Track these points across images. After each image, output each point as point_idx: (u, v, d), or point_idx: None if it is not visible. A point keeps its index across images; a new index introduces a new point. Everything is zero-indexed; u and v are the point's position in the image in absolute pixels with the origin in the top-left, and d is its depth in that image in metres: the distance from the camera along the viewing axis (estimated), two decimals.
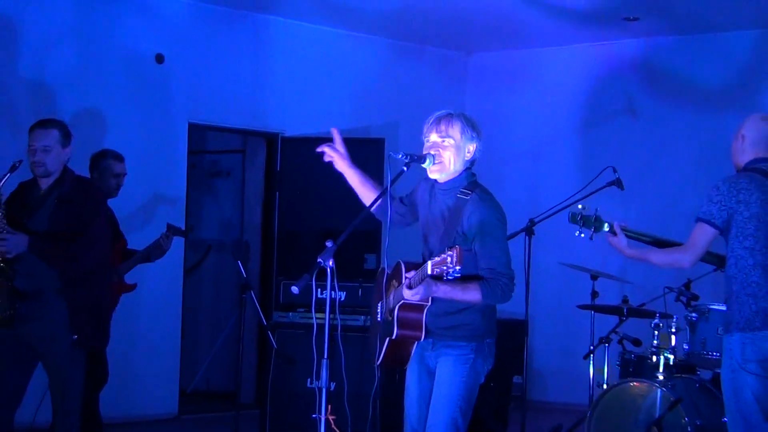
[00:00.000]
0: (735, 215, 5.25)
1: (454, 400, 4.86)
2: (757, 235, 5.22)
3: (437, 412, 4.88)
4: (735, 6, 9.26)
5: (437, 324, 4.88)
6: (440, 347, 4.92)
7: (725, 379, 5.31)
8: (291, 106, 10.29)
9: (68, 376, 5.83)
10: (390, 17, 10.15)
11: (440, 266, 4.47)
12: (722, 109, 10.09)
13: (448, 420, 4.85)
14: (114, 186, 7.42)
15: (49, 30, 8.86)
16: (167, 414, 9.39)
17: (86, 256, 5.80)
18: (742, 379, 5.23)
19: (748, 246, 5.24)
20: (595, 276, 8.06)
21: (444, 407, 4.86)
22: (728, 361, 5.27)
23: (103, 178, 7.39)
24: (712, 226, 5.27)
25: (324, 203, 9.44)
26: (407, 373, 5.06)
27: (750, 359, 5.20)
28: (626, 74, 10.77)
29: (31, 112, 7.09)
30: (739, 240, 5.25)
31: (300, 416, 7.17)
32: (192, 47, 9.71)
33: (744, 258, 5.25)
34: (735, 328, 5.24)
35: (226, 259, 10.24)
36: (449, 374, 4.88)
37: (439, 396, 4.88)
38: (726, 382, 5.31)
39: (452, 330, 4.88)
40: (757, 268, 5.23)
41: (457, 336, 4.88)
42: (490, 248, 4.82)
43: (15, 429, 6.10)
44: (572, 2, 9.35)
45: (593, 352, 7.81)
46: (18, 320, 5.73)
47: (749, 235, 5.23)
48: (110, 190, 7.40)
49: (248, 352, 9.54)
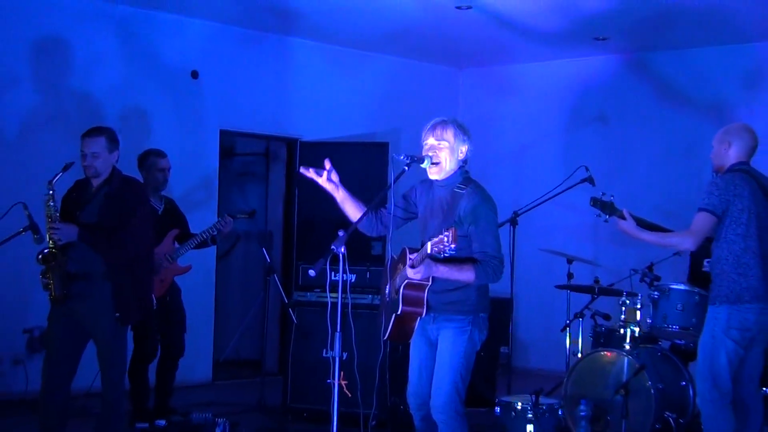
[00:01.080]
0: (731, 206, 5.44)
1: (456, 368, 4.88)
2: (748, 223, 5.43)
3: (441, 378, 4.89)
4: (694, 26, 9.23)
5: (438, 300, 4.89)
6: (441, 321, 4.92)
7: (704, 343, 5.48)
8: (308, 115, 10.27)
9: (113, 349, 5.82)
10: (392, 38, 10.14)
11: (438, 245, 4.49)
12: (681, 117, 10.08)
13: (451, 384, 4.87)
14: (161, 180, 7.43)
15: (97, 49, 8.85)
16: (203, 380, 9.43)
17: (128, 244, 5.78)
18: (720, 344, 5.41)
19: (741, 233, 5.43)
20: (570, 260, 8.07)
21: (447, 373, 4.88)
22: (710, 329, 5.47)
23: (150, 173, 7.39)
24: (713, 214, 5.44)
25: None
26: (411, 344, 5.05)
27: (733, 327, 5.41)
28: (597, 87, 10.75)
29: (81, 120, 7.08)
30: (733, 227, 5.44)
31: (316, 381, 7.16)
32: (223, 64, 9.69)
33: (736, 242, 5.44)
34: (724, 300, 5.43)
35: (253, 246, 10.24)
36: (450, 344, 4.89)
37: (442, 364, 4.90)
38: (704, 346, 5.48)
39: (451, 305, 4.89)
40: (747, 251, 5.42)
41: (456, 310, 4.90)
42: (483, 234, 4.82)
43: (74, 394, 6.10)
44: (550, 25, 9.34)
45: (569, 326, 7.81)
46: (69, 299, 5.74)
47: (742, 223, 5.42)
48: (158, 183, 7.42)
49: (272, 327, 9.54)
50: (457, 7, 8.79)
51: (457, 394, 4.88)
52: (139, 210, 5.92)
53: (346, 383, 4.78)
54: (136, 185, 6.07)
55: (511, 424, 6.61)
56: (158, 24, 9.21)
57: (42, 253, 5.73)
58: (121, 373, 5.95)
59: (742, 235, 5.43)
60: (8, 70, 8.34)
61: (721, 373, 5.39)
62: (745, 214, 5.43)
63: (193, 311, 7.89)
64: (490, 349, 8.42)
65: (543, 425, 6.56)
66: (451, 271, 4.78)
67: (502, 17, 9.13)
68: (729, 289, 5.42)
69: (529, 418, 6.57)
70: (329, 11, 9.16)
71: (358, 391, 4.92)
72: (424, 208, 5.06)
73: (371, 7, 8.92)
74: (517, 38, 9.99)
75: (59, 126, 8.37)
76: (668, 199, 9.61)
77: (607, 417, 6.63)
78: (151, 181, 7.35)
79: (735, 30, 9.31)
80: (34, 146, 8.34)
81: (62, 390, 5.86)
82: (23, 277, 7.51)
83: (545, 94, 11.11)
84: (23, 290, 7.81)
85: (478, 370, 8.15)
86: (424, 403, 4.99)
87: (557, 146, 10.87)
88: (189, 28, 9.42)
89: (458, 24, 9.40)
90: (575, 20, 9.16)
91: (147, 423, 7.00)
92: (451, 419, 4.89)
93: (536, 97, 11.17)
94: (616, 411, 6.57)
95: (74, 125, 6.39)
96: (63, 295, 5.72)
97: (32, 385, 6.93)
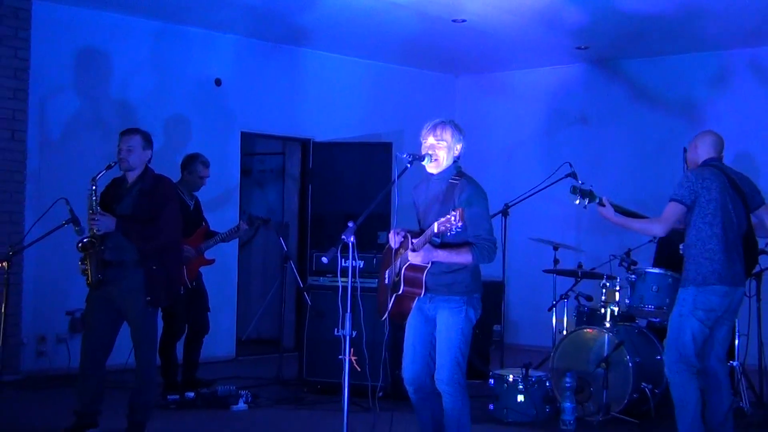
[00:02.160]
0: (699, 197, 5.41)
1: (456, 344, 4.84)
2: (715, 213, 5.39)
3: (443, 354, 4.86)
4: (666, 35, 9.19)
5: (437, 282, 4.85)
6: (438, 301, 4.88)
7: (673, 320, 5.46)
8: (320, 118, 10.23)
9: (144, 329, 5.79)
10: (396, 49, 10.12)
11: (445, 224, 4.49)
12: (654, 118, 10.05)
13: (453, 359, 4.83)
14: (200, 184, 7.54)
15: (132, 59, 8.83)
16: (227, 356, 9.39)
17: (159, 235, 5.77)
18: (686, 323, 5.38)
19: (708, 221, 5.39)
20: (556, 247, 8.03)
21: (448, 349, 4.84)
22: (679, 309, 5.44)
23: (193, 177, 7.45)
24: (682, 204, 5.43)
25: (346, 192, 9.41)
26: (407, 323, 5.01)
27: (699, 308, 5.37)
28: (579, 91, 10.71)
29: (118, 124, 7.06)
30: (701, 216, 5.41)
31: (329, 357, 7.12)
32: (244, 73, 9.66)
33: (704, 230, 5.40)
34: (692, 283, 5.40)
35: (271, 236, 10.20)
36: (448, 322, 4.85)
37: (443, 341, 4.86)
38: (673, 322, 5.46)
39: (449, 286, 4.85)
40: (713, 237, 5.38)
41: (453, 291, 4.86)
42: (477, 219, 4.79)
43: (111, 369, 6.10)
44: (537, 36, 9.31)
45: (555, 306, 7.77)
46: (106, 283, 5.72)
47: (709, 213, 5.39)
48: (197, 186, 7.51)
49: (289, 308, 9.52)
50: (453, 21, 8.77)
51: (459, 367, 4.84)
52: (169, 204, 5.91)
53: (356, 359, 4.75)
54: (167, 182, 6.05)
55: (504, 394, 6.59)
56: (186, 37, 9.19)
57: (81, 241, 5.72)
58: (152, 350, 5.94)
59: (708, 223, 5.39)
60: (54, 79, 8.32)
61: (685, 348, 5.36)
62: (713, 205, 5.39)
63: (217, 294, 7.90)
64: (483, 327, 8.40)
65: (532, 395, 6.54)
66: (450, 255, 4.75)
67: (493, 30, 9.11)
68: (696, 272, 5.39)
69: (520, 389, 6.56)
70: (339, 26, 9.14)
71: (367, 366, 4.87)
72: (424, 201, 5.02)
73: (377, 22, 8.89)
74: (507, 48, 9.98)
75: (98, 130, 8.34)
76: (642, 192, 9.56)
77: (590, 388, 6.59)
78: (191, 183, 7.45)
79: (703, 39, 9.28)
80: (75, 148, 8.32)
81: (99, 366, 5.84)
82: (65, 264, 7.49)
83: (532, 98, 11.07)
84: (66, 276, 7.79)
85: (473, 346, 8.17)
86: (417, 377, 4.95)
87: (544, 145, 10.82)
88: (214, 41, 9.38)
89: (454, 36, 9.38)
90: (559, 31, 9.14)
91: (177, 395, 6.98)
92: (455, 390, 4.86)
93: (524, 101, 11.13)
94: (597, 382, 6.53)
95: (112, 129, 6.38)
96: (98, 280, 5.71)
97: (74, 362, 6.90)
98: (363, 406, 5.92)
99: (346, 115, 10.43)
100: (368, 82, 10.68)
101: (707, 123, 9.33)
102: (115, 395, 6.28)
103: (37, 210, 7.28)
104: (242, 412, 6.87)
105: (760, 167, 8.84)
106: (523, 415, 6.51)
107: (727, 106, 9.55)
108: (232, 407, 6.89)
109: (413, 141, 5.35)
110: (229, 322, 9.46)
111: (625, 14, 8.42)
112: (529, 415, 6.50)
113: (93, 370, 5.82)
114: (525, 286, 10.30)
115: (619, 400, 6.46)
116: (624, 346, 6.52)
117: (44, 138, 8.25)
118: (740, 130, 9.24)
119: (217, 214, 8.01)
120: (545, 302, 8.15)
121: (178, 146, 8.63)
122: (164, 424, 6.31)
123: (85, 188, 5.79)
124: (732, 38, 9.20)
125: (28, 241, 6.39)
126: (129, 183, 5.91)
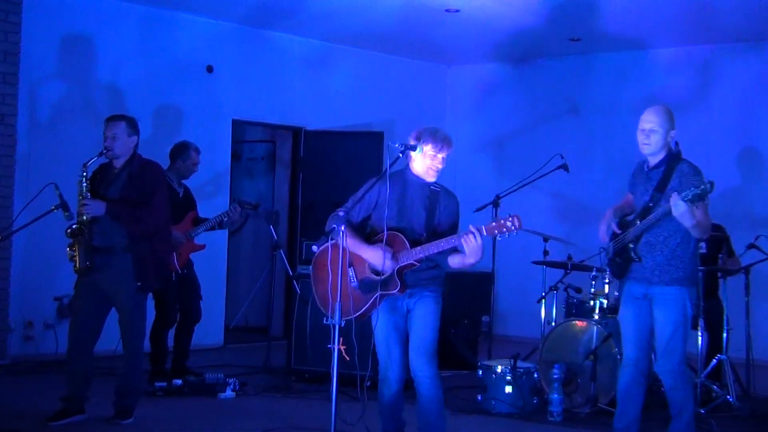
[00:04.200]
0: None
1: (435, 326, 4.98)
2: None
3: (426, 335, 4.95)
4: (656, 28, 9.22)
5: (419, 277, 4.95)
6: (419, 293, 4.97)
7: (677, 323, 5.10)
8: (311, 106, 10.20)
9: (133, 315, 5.79)
10: (388, 38, 10.09)
11: (501, 229, 4.74)
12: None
13: (432, 338, 4.96)
14: (191, 171, 7.53)
15: (122, 45, 8.78)
16: (215, 344, 9.38)
17: (148, 219, 5.77)
18: (688, 323, 5.15)
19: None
20: (546, 239, 8.04)
21: (429, 331, 4.96)
22: (682, 308, 5.11)
23: (185, 164, 7.45)
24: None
25: (336, 180, 9.40)
26: (380, 318, 4.95)
27: (690, 306, 5.17)
28: (570, 83, 10.71)
29: (107, 110, 7.01)
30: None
31: (318, 346, 7.14)
32: (235, 60, 9.62)
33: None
34: (692, 283, 5.21)
35: (261, 224, 10.17)
36: (430, 309, 4.97)
37: (425, 324, 4.96)
38: (678, 325, 5.08)
39: (430, 281, 4.98)
40: (693, 237, 5.11)
41: (433, 284, 5.01)
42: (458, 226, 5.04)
43: (100, 356, 6.10)
44: (530, 27, 9.29)
45: (545, 298, 7.78)
46: (94, 270, 5.71)
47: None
48: (188, 173, 7.50)
49: (278, 297, 9.51)
50: (446, 10, 8.75)
51: (436, 353, 4.99)
52: (158, 189, 5.91)
53: (345, 348, 4.74)
54: (155, 167, 6.03)
55: (492, 384, 6.60)
56: (176, 23, 9.14)
57: (70, 227, 5.71)
58: (140, 337, 5.94)
59: None
60: (44, 63, 8.27)
61: (684, 348, 5.17)
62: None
63: (206, 282, 7.87)
64: (472, 317, 8.43)
65: (520, 386, 6.55)
66: (463, 261, 4.83)
67: (487, 20, 9.09)
68: (693, 272, 5.22)
69: (508, 380, 6.56)
70: (332, 14, 9.11)
71: (355, 355, 4.87)
72: (400, 197, 4.99)
73: (370, 10, 8.87)
74: (500, 39, 9.95)
75: (88, 115, 8.29)
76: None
77: (578, 380, 6.61)
78: (183, 170, 7.45)
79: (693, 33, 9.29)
80: (63, 133, 8.28)
81: (86, 352, 5.84)
82: (53, 249, 7.45)
83: (524, 89, 11.06)
84: (54, 262, 7.75)
85: (462, 337, 8.23)
86: (402, 373, 5.02)
87: (535, 136, 10.80)
88: (204, 27, 9.34)
89: (447, 26, 9.36)
90: (552, 23, 9.12)
91: (165, 382, 6.97)
92: (436, 374, 4.95)
93: (516, 92, 11.12)
94: (585, 374, 6.55)
95: (102, 114, 6.34)
96: (86, 266, 5.69)
97: (61, 348, 6.86)
98: (351, 396, 5.92)
99: (337, 104, 10.40)
100: (360, 71, 10.65)
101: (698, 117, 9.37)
102: (103, 382, 6.26)
103: (26, 195, 7.25)
104: (230, 399, 6.86)
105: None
106: (511, 406, 6.52)
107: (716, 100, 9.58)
108: (219, 395, 6.88)
109: (405, 130, 5.34)
110: (218, 309, 9.44)
111: (618, 7, 8.42)
112: (517, 406, 6.51)
113: (80, 356, 5.81)
114: (514, 277, 10.31)
115: (607, 392, 6.47)
116: (612, 339, 6.52)
117: (33, 123, 8.21)
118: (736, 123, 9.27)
119: (207, 202, 7.99)
120: (534, 294, 8.16)
121: (168, 133, 8.60)
122: (151, 410, 6.29)
123: (75, 173, 5.78)
124: (724, 33, 9.20)
125: (16, 226, 6.37)
126: (117, 168, 5.90)
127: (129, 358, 5.82)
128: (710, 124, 9.50)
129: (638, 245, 5.20)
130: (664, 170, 5.20)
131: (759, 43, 9.43)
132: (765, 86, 9.47)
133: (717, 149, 9.25)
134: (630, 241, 5.23)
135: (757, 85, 9.50)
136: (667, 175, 5.17)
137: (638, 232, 5.19)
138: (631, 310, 5.28)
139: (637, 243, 5.20)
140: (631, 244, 5.22)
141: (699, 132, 9.11)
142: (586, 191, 10.15)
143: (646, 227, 5.15)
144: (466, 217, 5.30)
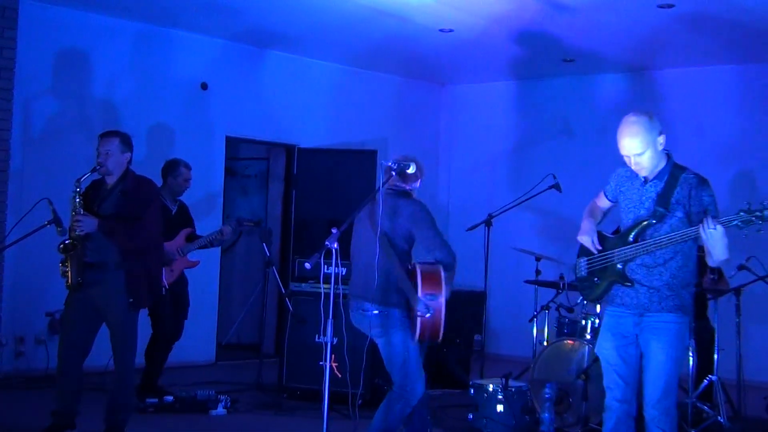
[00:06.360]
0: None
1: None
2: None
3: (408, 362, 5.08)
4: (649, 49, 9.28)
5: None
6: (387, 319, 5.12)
7: (677, 358, 4.45)
8: (305, 124, 10.24)
9: (125, 331, 5.78)
10: (382, 57, 10.14)
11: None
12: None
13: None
14: (184, 188, 7.57)
15: (117, 61, 8.81)
16: (207, 361, 9.36)
17: (140, 235, 5.76)
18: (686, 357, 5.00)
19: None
20: (538, 258, 8.05)
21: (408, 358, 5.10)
22: (681, 339, 4.46)
23: (177, 181, 7.47)
24: None
25: (330, 199, 9.42)
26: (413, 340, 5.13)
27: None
28: (564, 103, 10.76)
29: (102, 126, 7.02)
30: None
31: (310, 363, 7.15)
32: (230, 78, 9.65)
33: (695, 254, 4.58)
34: (690, 312, 4.56)
35: (254, 241, 10.19)
36: (402, 335, 5.12)
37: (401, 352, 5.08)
38: (678, 360, 4.44)
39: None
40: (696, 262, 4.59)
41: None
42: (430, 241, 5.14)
43: (91, 372, 6.11)
44: (523, 48, 9.35)
45: (536, 317, 7.79)
46: (85, 286, 5.70)
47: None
48: (181, 190, 7.54)
49: (270, 314, 9.51)
50: (440, 30, 8.80)
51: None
52: (151, 206, 5.91)
53: (337, 365, 4.76)
54: (148, 184, 6.04)
55: (483, 404, 6.60)
56: (171, 40, 9.17)
57: (63, 243, 5.70)
58: (131, 353, 5.91)
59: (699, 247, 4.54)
60: (39, 79, 8.29)
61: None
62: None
63: (198, 299, 7.88)
64: (465, 336, 8.42)
65: (512, 405, 6.55)
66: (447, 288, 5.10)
67: (480, 40, 9.14)
68: (691, 298, 4.56)
69: (500, 399, 6.56)
70: (326, 33, 9.15)
71: (347, 373, 4.89)
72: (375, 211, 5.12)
73: (364, 29, 8.90)
74: (494, 59, 10.00)
75: (82, 131, 8.30)
76: None
77: (569, 399, 6.61)
78: (174, 187, 7.46)
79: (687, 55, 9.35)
80: (57, 149, 8.29)
81: (76, 368, 5.82)
82: (45, 265, 7.45)
83: (517, 109, 11.10)
84: (46, 277, 7.75)
85: (454, 355, 8.23)
86: None
87: (527, 156, 10.85)
88: (199, 45, 9.38)
89: (441, 45, 9.41)
90: (545, 44, 9.18)
91: (156, 399, 6.96)
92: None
93: (509, 112, 11.16)
94: (577, 394, 6.55)
95: (96, 130, 6.34)
96: (78, 282, 5.69)
97: (53, 363, 6.84)
98: (343, 413, 5.92)
99: (331, 121, 10.44)
100: (354, 89, 10.69)
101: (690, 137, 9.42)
102: (94, 398, 6.25)
103: (19, 210, 7.25)
104: (221, 417, 6.86)
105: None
106: (502, 426, 6.52)
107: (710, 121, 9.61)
108: (210, 412, 6.88)
109: (398, 149, 5.40)
110: (210, 326, 9.43)
111: (610, 29, 8.48)
112: (508, 425, 6.51)
113: (70, 371, 5.80)
114: (506, 296, 10.32)
115: (598, 412, 6.43)
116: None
117: (27, 138, 8.22)
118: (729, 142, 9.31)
119: (201, 219, 7.99)
120: (526, 313, 8.18)
121: (162, 149, 8.63)
122: (142, 427, 6.29)
123: (68, 189, 5.76)
124: (718, 54, 9.27)
125: (8, 241, 6.36)
126: (110, 185, 5.90)
127: (120, 375, 5.80)
128: (703, 146, 9.55)
129: (628, 267, 4.53)
130: (667, 180, 4.52)
131: (750, 65, 9.51)
132: (758, 108, 9.54)
133: (709, 171, 9.27)
134: (618, 262, 4.56)
135: (751, 106, 9.57)
136: (671, 186, 4.48)
137: (634, 253, 4.49)
138: (617, 341, 4.57)
139: (626, 264, 4.53)
140: (619, 265, 4.54)
141: (692, 153, 9.15)
142: (578, 211, 10.08)
143: (647, 248, 4.45)
144: (458, 235, 5.33)
